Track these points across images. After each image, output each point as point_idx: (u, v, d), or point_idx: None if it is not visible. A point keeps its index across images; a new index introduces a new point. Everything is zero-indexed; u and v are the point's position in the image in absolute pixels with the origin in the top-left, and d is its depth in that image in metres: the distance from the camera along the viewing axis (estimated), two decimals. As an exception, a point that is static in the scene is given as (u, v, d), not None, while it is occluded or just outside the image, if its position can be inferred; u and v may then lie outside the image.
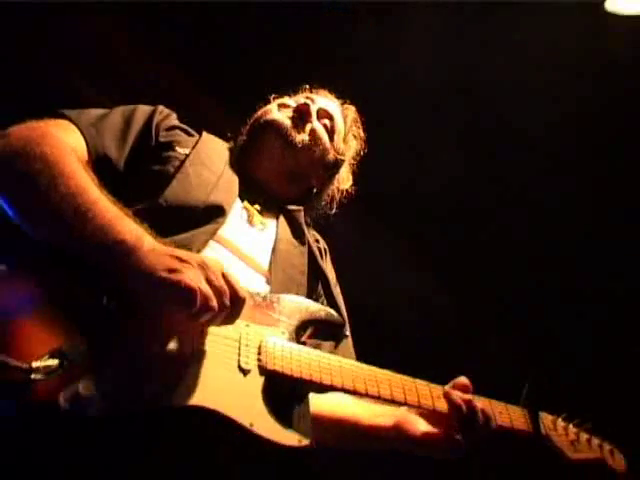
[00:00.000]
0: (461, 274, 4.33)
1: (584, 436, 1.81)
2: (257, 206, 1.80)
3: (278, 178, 1.91)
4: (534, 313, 4.25)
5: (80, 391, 1.19)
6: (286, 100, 2.03)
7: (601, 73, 3.46)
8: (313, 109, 1.98)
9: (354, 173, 2.16)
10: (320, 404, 1.71)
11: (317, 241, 1.97)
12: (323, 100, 2.07)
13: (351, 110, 2.17)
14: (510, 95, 3.47)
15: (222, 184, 1.68)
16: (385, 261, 4.39)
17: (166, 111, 1.80)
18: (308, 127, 1.94)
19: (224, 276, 1.32)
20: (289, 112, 1.95)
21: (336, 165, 2.06)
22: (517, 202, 4.07)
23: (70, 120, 1.58)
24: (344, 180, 2.13)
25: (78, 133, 1.56)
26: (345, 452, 1.88)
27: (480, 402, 1.63)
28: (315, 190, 2.03)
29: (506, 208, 4.05)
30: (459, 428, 1.58)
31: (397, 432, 1.68)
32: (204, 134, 1.83)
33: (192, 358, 1.34)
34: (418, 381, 1.62)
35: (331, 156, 2.01)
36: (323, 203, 2.08)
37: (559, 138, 3.70)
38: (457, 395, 1.60)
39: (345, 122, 2.11)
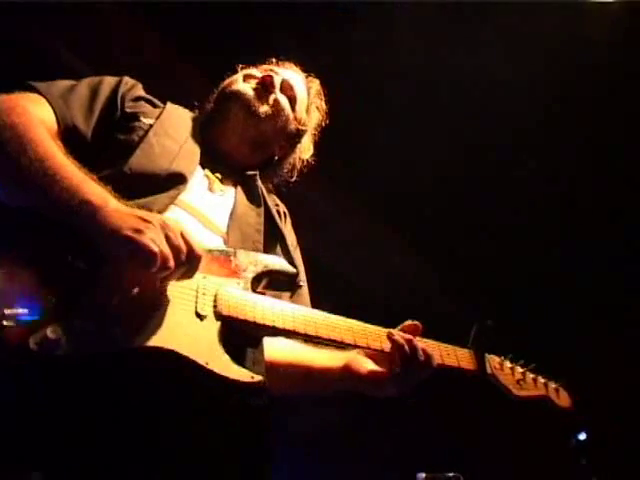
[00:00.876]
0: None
1: (530, 376, 1.95)
2: (218, 174, 1.91)
3: (241, 147, 2.01)
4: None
5: (48, 335, 1.32)
6: (252, 71, 2.11)
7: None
8: (277, 80, 2.07)
9: (315, 143, 2.26)
10: (274, 351, 1.83)
11: (277, 205, 2.08)
12: (287, 72, 2.16)
13: (315, 83, 2.26)
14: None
15: (184, 153, 1.79)
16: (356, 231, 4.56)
17: (131, 82, 1.90)
18: (271, 98, 2.03)
19: (182, 235, 1.44)
20: (253, 83, 2.04)
21: (298, 135, 2.16)
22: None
23: (39, 93, 1.68)
24: (306, 150, 2.23)
25: (47, 105, 1.67)
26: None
27: (424, 343, 1.76)
28: (277, 158, 2.14)
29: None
30: (402, 366, 1.70)
31: (346, 372, 1.80)
32: (168, 104, 1.94)
33: (153, 306, 1.47)
34: (368, 325, 1.75)
35: (293, 126, 2.11)
36: (285, 171, 2.18)
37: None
38: (399, 335, 1.73)
39: (308, 94, 2.21)
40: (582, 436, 3.63)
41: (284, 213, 2.09)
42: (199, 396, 1.46)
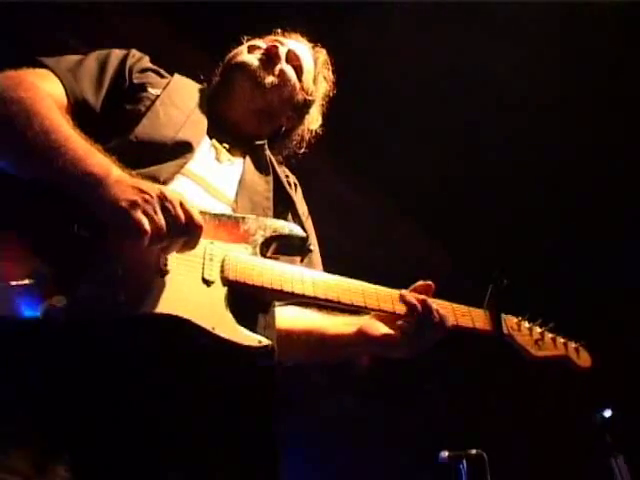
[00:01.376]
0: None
1: (548, 335, 1.90)
2: (225, 145, 1.88)
3: (248, 118, 1.98)
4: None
5: (54, 303, 1.32)
6: (257, 42, 2.08)
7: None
8: (282, 51, 2.03)
9: (323, 114, 2.21)
10: (287, 319, 1.82)
11: (287, 176, 2.05)
12: (293, 42, 2.12)
13: (322, 53, 2.22)
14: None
15: (190, 122, 1.77)
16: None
17: (138, 54, 1.89)
18: (277, 68, 2.00)
19: (182, 205, 1.42)
20: (259, 54, 2.01)
21: (305, 105, 2.13)
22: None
23: (48, 68, 1.68)
24: (314, 120, 2.19)
25: (56, 80, 1.66)
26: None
27: (438, 304, 1.72)
28: (284, 129, 2.11)
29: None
30: (416, 326, 1.67)
31: (360, 336, 1.77)
32: (176, 75, 1.92)
33: (157, 273, 1.46)
34: (379, 287, 1.72)
35: (300, 96, 2.08)
36: (293, 142, 2.15)
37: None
38: (412, 295, 1.70)
39: (315, 64, 2.16)
40: (607, 413, 3.55)
41: (294, 184, 2.06)
42: (206, 361, 1.45)
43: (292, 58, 2.06)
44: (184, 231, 1.41)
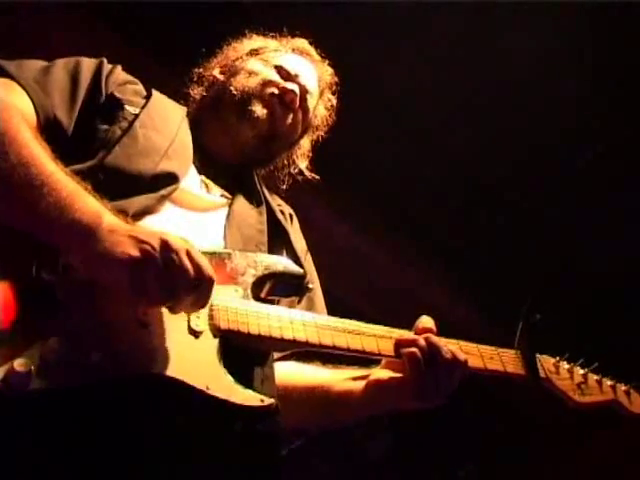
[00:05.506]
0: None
1: (593, 378, 1.66)
2: (211, 175, 1.70)
3: (237, 156, 1.79)
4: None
5: (15, 367, 1.11)
6: (267, 73, 1.82)
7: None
8: (297, 100, 1.79)
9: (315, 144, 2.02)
10: (286, 375, 1.60)
11: (279, 205, 1.86)
12: (304, 74, 1.87)
13: (327, 73, 1.99)
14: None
15: (173, 151, 1.57)
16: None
17: (110, 65, 1.68)
18: (289, 118, 1.80)
19: (189, 254, 1.22)
20: (268, 91, 1.77)
21: (300, 138, 1.94)
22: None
23: (11, 76, 1.46)
24: (303, 151, 1.98)
25: (22, 92, 1.45)
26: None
27: (455, 344, 1.51)
28: (273, 159, 1.92)
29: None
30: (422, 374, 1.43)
31: (370, 388, 1.52)
32: (155, 93, 1.71)
33: (136, 324, 1.26)
34: (381, 329, 1.51)
35: (298, 134, 1.91)
36: (279, 170, 1.96)
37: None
38: (405, 340, 1.47)
39: (319, 87, 1.95)
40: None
41: (289, 215, 1.86)
42: (199, 426, 1.25)
43: (302, 99, 1.83)
44: (194, 286, 1.21)
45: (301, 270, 1.53)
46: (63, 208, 1.21)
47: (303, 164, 1.97)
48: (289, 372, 1.61)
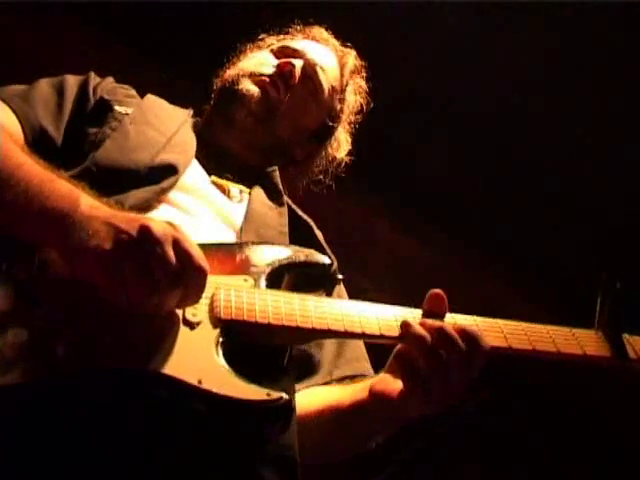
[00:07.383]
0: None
1: (700, 358, 1.32)
2: (227, 177, 1.56)
3: (251, 152, 1.66)
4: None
5: None
6: (264, 57, 1.72)
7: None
8: (298, 70, 1.65)
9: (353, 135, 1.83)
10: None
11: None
12: (312, 46, 1.74)
13: (350, 56, 1.81)
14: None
15: (173, 145, 1.45)
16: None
17: (99, 78, 1.59)
18: (288, 94, 1.64)
19: (177, 243, 1.05)
20: (268, 71, 1.66)
21: (326, 131, 1.77)
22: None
23: None
24: (339, 146, 1.81)
25: (6, 108, 1.37)
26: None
27: (528, 327, 1.23)
28: (298, 160, 1.76)
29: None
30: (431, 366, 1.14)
31: (375, 394, 1.24)
32: (150, 95, 1.61)
33: (123, 316, 1.07)
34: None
35: (319, 122, 1.74)
36: (310, 173, 1.79)
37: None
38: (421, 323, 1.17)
39: (342, 74, 1.78)
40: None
41: (310, 225, 1.65)
42: (190, 426, 1.05)
43: (310, 73, 1.68)
44: (178, 279, 1.03)
45: (327, 259, 1.33)
46: (33, 195, 1.08)
47: (342, 155, 1.80)
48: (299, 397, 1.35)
